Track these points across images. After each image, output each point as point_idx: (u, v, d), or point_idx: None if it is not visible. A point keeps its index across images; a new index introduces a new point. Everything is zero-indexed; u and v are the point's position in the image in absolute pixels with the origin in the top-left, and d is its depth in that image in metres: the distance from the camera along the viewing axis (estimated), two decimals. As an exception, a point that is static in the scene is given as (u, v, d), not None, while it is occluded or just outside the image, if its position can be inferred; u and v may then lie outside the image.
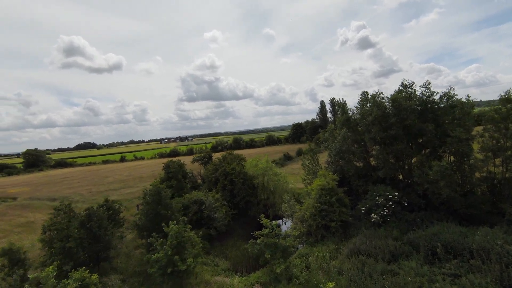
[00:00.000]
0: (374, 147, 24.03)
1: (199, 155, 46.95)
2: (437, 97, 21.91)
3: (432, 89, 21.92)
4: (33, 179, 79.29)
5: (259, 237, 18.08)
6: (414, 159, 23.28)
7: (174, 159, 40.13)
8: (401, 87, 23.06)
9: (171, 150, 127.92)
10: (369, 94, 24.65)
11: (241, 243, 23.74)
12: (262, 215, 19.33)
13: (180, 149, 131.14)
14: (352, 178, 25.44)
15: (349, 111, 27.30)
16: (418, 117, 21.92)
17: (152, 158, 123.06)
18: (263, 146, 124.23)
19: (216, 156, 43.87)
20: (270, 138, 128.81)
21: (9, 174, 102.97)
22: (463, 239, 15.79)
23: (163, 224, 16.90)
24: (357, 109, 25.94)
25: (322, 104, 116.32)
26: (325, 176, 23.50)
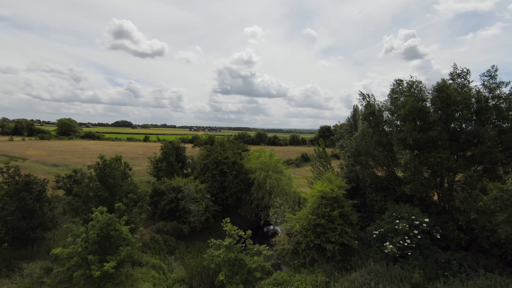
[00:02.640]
0: (403, 152, 17.80)
1: (201, 139, 42.95)
2: (506, 89, 15.22)
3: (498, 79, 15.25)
4: (56, 145, 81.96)
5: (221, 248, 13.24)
6: (458, 176, 16.78)
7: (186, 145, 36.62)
8: (449, 80, 16.53)
9: (192, 137, 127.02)
10: (405, 83, 18.37)
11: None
12: (227, 219, 14.39)
13: (202, 137, 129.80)
14: (368, 190, 19.45)
15: (376, 105, 21.11)
16: (473, 117, 15.46)
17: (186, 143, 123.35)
18: (285, 145, 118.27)
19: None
20: (294, 138, 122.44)
21: (41, 138, 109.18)
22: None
23: (93, 208, 12.68)
24: (386, 104, 19.77)
25: (356, 109, 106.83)
26: (331, 180, 17.87)
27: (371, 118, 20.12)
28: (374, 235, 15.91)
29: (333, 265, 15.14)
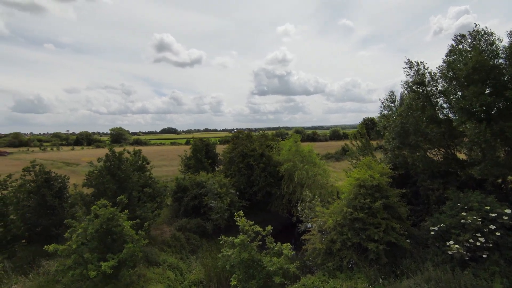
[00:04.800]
0: (467, 124, 13.77)
1: (232, 134, 41.55)
2: None
3: None
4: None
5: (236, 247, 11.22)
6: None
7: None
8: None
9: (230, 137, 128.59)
10: (468, 37, 14.31)
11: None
12: (240, 212, 12.27)
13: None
14: (421, 177, 15.71)
15: (428, 73, 17.14)
16: None
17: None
18: (326, 140, 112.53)
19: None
20: (334, 132, 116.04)
21: (97, 147, 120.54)
22: None
23: (96, 203, 11.62)
24: (441, 70, 15.85)
25: (402, 97, 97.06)
26: (370, 166, 14.70)
27: (420, 89, 16.39)
28: (432, 232, 12.42)
29: (378, 269, 12.07)
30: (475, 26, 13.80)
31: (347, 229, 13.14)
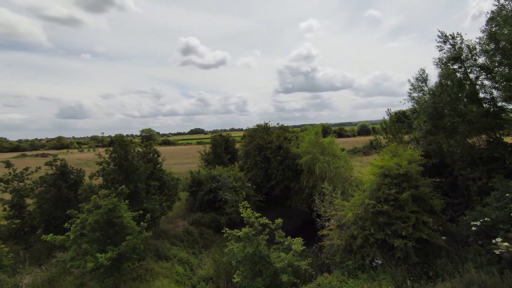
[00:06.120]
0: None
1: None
2: None
3: None
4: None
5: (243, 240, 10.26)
6: None
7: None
8: None
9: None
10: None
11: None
12: (245, 202, 11.24)
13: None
14: (459, 165, 13.59)
15: (466, 47, 14.83)
16: None
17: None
18: (353, 136, 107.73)
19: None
20: (363, 128, 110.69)
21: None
22: None
23: (99, 193, 11.29)
24: (481, 41, 13.60)
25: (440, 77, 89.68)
26: (396, 153, 12.94)
27: (456, 66, 14.26)
28: (474, 228, 10.50)
29: (406, 269, 10.43)
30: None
31: (369, 223, 11.60)
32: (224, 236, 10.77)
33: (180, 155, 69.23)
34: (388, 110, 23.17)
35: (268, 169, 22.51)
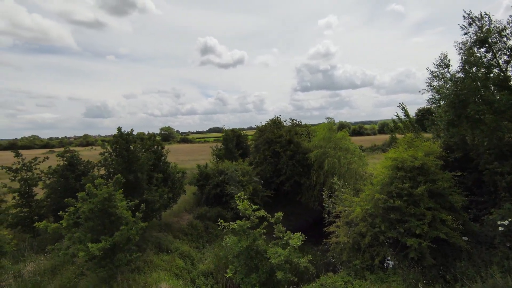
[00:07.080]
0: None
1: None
2: None
3: None
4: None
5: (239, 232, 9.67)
6: None
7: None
8: None
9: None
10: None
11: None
12: (241, 193, 10.63)
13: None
14: (485, 159, 12.18)
15: (494, 29, 13.31)
16: None
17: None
18: (374, 134, 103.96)
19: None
20: (384, 126, 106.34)
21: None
22: None
23: (95, 181, 11.12)
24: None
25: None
26: (412, 144, 11.79)
27: (483, 50, 12.83)
28: (501, 228, 9.26)
29: (420, 271, 9.39)
30: None
31: (379, 220, 10.62)
32: (219, 228, 10.24)
33: (197, 152, 70.05)
34: (401, 104, 21.48)
35: (278, 164, 21.77)
